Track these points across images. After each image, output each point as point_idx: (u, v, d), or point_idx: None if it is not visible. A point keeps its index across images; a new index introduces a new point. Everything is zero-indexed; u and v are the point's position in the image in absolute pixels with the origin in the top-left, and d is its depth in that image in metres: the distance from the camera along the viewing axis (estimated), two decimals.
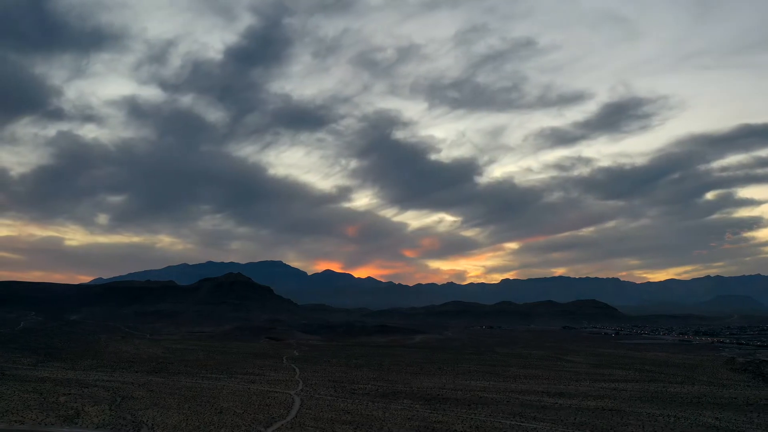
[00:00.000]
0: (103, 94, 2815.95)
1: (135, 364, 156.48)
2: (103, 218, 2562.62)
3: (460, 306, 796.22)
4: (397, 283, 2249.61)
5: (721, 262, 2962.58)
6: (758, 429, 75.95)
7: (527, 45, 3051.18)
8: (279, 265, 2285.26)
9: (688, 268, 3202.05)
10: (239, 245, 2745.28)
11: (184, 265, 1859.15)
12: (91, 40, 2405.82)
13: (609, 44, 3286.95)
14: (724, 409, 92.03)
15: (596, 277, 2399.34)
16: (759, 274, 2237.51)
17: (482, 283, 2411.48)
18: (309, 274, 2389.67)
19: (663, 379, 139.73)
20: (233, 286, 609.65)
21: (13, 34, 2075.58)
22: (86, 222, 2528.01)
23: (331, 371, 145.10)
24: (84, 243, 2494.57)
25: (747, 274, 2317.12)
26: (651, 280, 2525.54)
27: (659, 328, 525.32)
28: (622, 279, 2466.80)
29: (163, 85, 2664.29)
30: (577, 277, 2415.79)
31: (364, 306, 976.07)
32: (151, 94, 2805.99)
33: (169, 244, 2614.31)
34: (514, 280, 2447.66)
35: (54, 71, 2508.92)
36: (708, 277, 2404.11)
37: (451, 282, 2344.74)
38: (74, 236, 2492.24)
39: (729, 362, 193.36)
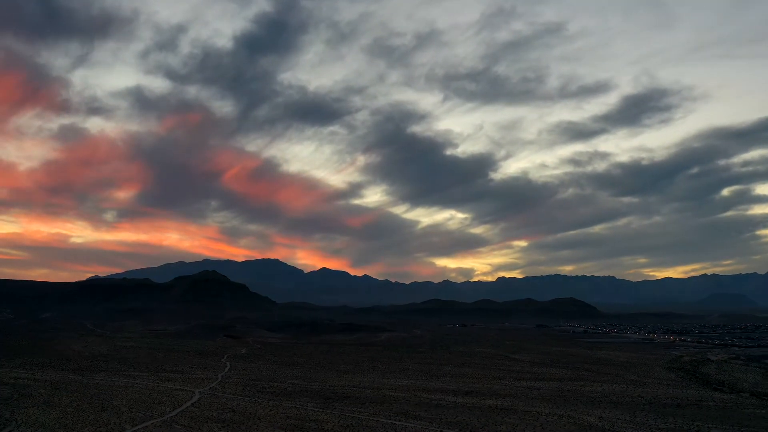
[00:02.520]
0: (110, 84, 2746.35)
1: (69, 362, 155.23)
2: (109, 215, 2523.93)
3: (440, 304, 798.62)
4: (393, 281, 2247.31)
5: (730, 260, 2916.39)
6: (634, 428, 76.03)
7: (556, 31, 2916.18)
8: (276, 263, 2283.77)
9: (696, 266, 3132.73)
10: (246, 242, 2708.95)
11: (181, 263, 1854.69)
12: (97, 25, 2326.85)
13: (640, 31, 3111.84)
14: (618, 407, 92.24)
15: (592, 275, 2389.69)
16: (756, 273, 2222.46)
17: (478, 281, 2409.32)
18: (306, 272, 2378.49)
19: (591, 377, 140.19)
20: (207, 284, 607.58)
21: (16, 20, 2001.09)
22: (92, 219, 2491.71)
23: (260, 369, 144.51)
24: (90, 240, 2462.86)
25: (744, 272, 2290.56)
26: (648, 279, 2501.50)
27: (633, 326, 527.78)
28: (617, 277, 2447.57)
29: (171, 74, 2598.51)
30: (574, 275, 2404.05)
31: (347, 304, 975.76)
32: (158, 85, 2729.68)
33: (176, 241, 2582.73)
34: (510, 278, 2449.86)
35: (59, 60, 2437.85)
36: (705, 275, 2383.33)
37: (447, 280, 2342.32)
38: (81, 233, 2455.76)
39: (673, 361, 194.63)
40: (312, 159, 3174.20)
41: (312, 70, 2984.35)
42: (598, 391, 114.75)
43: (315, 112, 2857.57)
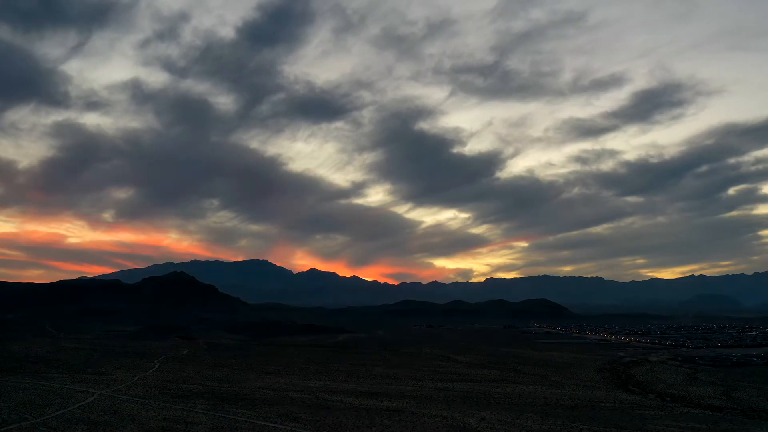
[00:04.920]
0: (107, 77, 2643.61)
1: None
2: (107, 214, 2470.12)
3: (413, 305, 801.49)
4: (382, 282, 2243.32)
5: (729, 261, 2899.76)
6: (507, 429, 76.80)
7: (574, 20, 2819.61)
8: (265, 264, 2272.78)
9: (694, 266, 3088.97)
10: (246, 242, 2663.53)
11: (169, 263, 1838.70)
12: (96, 13, 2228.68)
13: (661, 21, 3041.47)
14: (510, 409, 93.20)
15: (580, 277, 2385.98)
16: (743, 274, 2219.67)
17: (466, 282, 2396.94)
18: (295, 273, 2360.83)
19: (514, 379, 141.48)
20: (174, 285, 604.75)
21: (9, 8, 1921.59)
22: (89, 218, 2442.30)
23: (185, 370, 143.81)
24: (87, 240, 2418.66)
25: (740, 273, 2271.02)
26: (636, 280, 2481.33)
27: (598, 327, 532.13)
28: (606, 278, 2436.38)
29: (171, 67, 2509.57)
30: (563, 276, 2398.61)
31: (323, 305, 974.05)
32: (156, 78, 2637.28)
33: (175, 241, 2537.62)
34: (497, 278, 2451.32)
35: (55, 52, 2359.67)
36: (692, 276, 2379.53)
37: (435, 281, 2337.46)
38: (78, 233, 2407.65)
39: (611, 362, 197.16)
40: (315, 156, 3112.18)
41: (317, 63, 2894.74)
42: (508, 392, 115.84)
43: (320, 107, 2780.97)
